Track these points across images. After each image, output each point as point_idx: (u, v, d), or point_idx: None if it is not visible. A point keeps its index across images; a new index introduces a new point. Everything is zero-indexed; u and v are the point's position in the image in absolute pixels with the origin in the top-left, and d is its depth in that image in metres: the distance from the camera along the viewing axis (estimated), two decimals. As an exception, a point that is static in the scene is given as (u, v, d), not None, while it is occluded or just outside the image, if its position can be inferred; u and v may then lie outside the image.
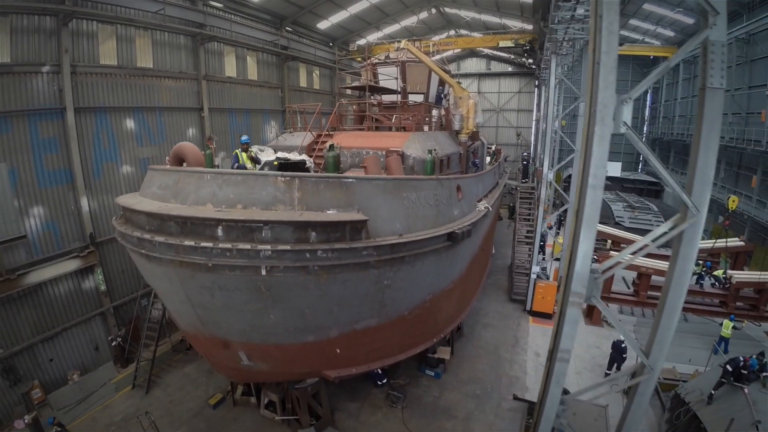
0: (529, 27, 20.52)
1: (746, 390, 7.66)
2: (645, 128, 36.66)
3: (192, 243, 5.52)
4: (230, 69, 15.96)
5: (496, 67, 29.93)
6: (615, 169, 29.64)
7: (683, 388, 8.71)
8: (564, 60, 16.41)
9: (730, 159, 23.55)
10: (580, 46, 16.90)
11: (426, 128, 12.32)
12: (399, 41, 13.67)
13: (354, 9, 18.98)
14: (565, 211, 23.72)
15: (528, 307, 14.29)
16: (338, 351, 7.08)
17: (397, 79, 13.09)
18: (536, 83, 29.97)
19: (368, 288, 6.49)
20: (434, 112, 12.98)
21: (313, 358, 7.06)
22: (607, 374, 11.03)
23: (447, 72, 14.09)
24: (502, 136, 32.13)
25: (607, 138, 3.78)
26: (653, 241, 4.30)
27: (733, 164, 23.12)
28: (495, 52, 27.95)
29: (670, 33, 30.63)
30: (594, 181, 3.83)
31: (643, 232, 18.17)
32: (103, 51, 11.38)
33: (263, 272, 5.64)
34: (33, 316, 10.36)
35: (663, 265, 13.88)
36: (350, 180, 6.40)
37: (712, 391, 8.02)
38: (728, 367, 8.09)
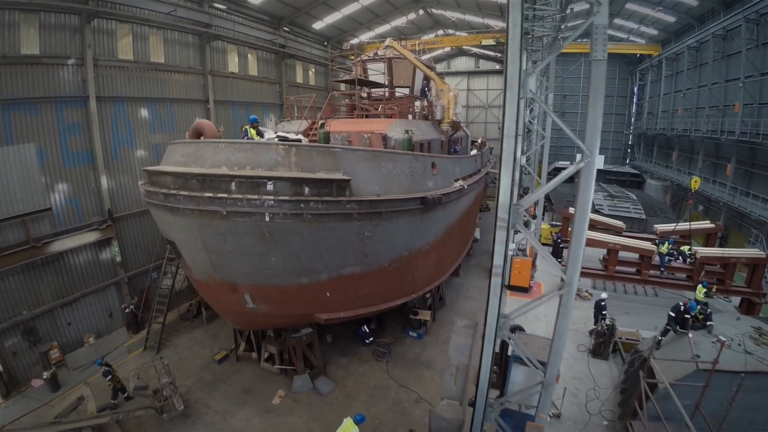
0: (510, 27, 22.22)
1: (690, 335, 9.03)
2: (632, 124, 38.41)
3: (210, 194, 7.04)
4: (233, 65, 17.57)
5: (485, 65, 31.68)
6: (598, 162, 31.22)
7: (642, 344, 10.05)
8: (534, 56, 17.96)
9: (708, 150, 25.23)
10: (548, 42, 18.35)
11: (410, 117, 13.91)
12: (385, 40, 15.31)
13: (346, 11, 20.69)
14: (547, 198, 25.30)
15: (506, 282, 15.81)
16: (328, 294, 8.59)
17: (384, 74, 14.72)
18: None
19: (351, 237, 8.02)
20: (417, 103, 14.60)
21: (307, 300, 8.56)
22: (591, 330, 12.37)
23: (430, 68, 15.72)
24: (490, 131, 33.84)
25: (515, 100, 5.34)
26: (563, 179, 5.87)
27: (711, 155, 24.75)
28: (483, 51, 29.70)
29: (653, 31, 32.45)
30: (507, 132, 5.40)
31: (621, 218, 19.76)
32: (121, 47, 12.93)
33: (267, 218, 7.16)
34: (54, 282, 11.74)
35: (629, 242, 15.50)
36: (337, 149, 7.96)
37: (660, 338, 9.48)
38: (671, 313, 9.57)
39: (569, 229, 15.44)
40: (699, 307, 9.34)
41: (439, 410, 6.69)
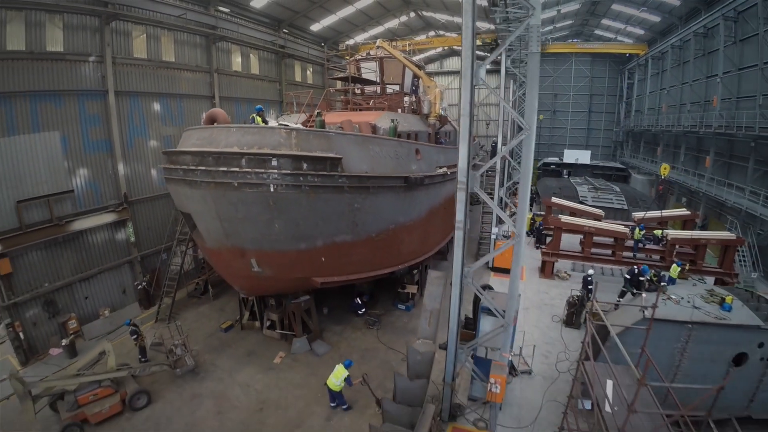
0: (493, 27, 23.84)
1: (643, 294, 10.33)
2: (621, 122, 39.99)
3: (224, 169, 8.52)
4: (236, 64, 19.12)
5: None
6: (585, 157, 32.92)
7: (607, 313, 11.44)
8: (514, 54, 19.50)
9: (690, 144, 26.85)
10: (525, 41, 19.90)
11: (399, 111, 15.46)
12: (377, 41, 16.89)
13: (342, 13, 22.30)
14: (536, 192, 26.65)
15: (490, 264, 17.30)
16: (323, 260, 10.05)
17: (375, 72, 16.28)
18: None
19: (343, 208, 9.51)
20: (406, 99, 16.13)
21: (304, 265, 10.02)
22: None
23: (419, 67, 17.29)
24: (481, 128, 35.51)
25: (469, 87, 6.83)
26: (501, 155, 7.36)
27: (693, 149, 26.37)
28: (476, 51, 31.47)
29: (640, 31, 34.14)
30: (464, 112, 6.89)
31: (605, 209, 21.23)
32: (136, 46, 14.44)
33: (271, 189, 8.64)
34: (73, 259, 13.12)
35: (602, 225, 17.01)
36: (331, 133, 9.48)
37: (618, 299, 10.89)
38: (626, 275, 11.02)
39: (581, 240, 16.91)
40: (652, 271, 10.80)
41: (415, 347, 8.12)
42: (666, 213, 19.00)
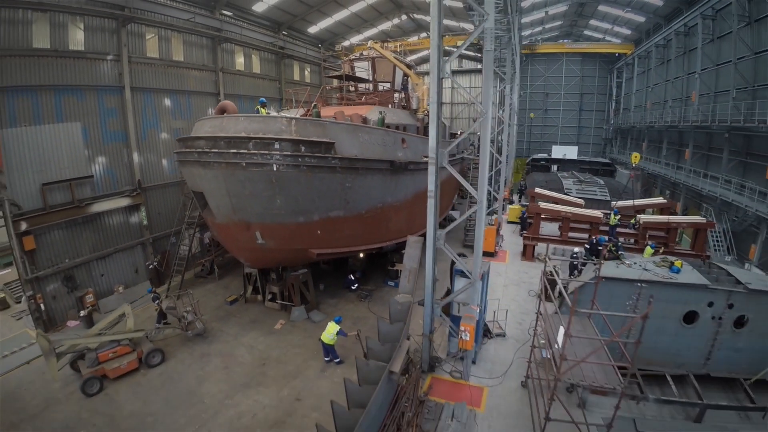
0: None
1: (602, 262, 11.90)
2: (611, 119, 41.75)
3: (234, 151, 10.12)
4: (239, 64, 20.80)
5: (468, 65, 35.09)
6: (572, 153, 34.68)
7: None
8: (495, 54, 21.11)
9: (672, 139, 28.59)
10: (504, 41, 21.44)
11: (390, 106, 17.12)
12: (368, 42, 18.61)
13: (337, 16, 24.03)
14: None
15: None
16: (319, 233, 11.64)
17: (368, 71, 17.97)
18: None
19: (336, 186, 11.12)
20: (397, 95, 17.78)
21: (303, 237, 11.60)
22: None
23: (409, 66, 18.97)
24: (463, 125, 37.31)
25: (436, 79, 8.46)
26: (470, 132, 8.99)
27: (675, 143, 28.11)
28: (465, 52, 33.21)
29: (627, 31, 35.98)
30: (434, 99, 8.52)
31: (588, 200, 22.84)
32: (149, 46, 16.09)
33: (274, 168, 10.24)
34: (91, 238, 14.65)
35: (577, 211, 18.65)
36: (326, 122, 11.11)
37: (580, 267, 12.46)
38: (586, 246, 12.65)
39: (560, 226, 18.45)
40: (608, 239, 12.45)
41: (396, 299, 9.70)
42: (641, 201, 20.68)
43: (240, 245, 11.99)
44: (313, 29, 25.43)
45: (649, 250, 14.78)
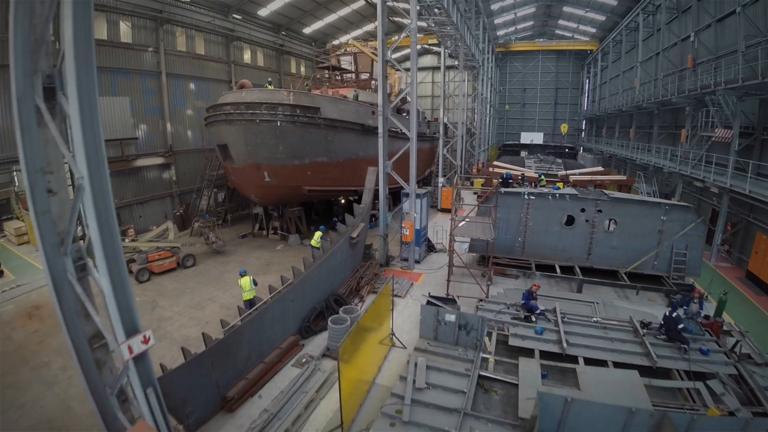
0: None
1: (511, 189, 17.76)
2: (583, 111, 47.86)
3: (251, 111, 15.86)
4: (247, 58, 26.71)
5: (447, 61, 40.83)
6: (539, 139, 40.71)
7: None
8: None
9: (623, 123, 34.71)
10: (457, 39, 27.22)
11: (368, 90, 22.96)
12: (360, 41, 24.57)
13: (328, 20, 30.07)
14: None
15: (438, 206, 24.55)
16: (309, 173, 17.32)
17: (351, 64, 23.89)
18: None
19: (321, 139, 16.84)
20: (373, 82, 23.61)
21: (298, 176, 17.26)
22: None
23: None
24: (453, 117, 43.16)
25: (381, 61, 14.22)
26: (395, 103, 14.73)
27: (626, 126, 34.17)
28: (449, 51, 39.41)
29: (592, 29, 42.18)
30: (380, 74, 14.27)
31: (546, 175, 28.52)
32: (179, 42, 21.95)
33: (278, 124, 15.97)
34: (134, 187, 20.28)
35: (519, 169, 24.29)
36: (314, 94, 16.92)
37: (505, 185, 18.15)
38: (500, 178, 18.33)
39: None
40: (512, 174, 18.16)
41: (360, 207, 15.34)
42: (618, 177, 26.41)
43: (252, 183, 17.65)
44: (307, 30, 31.50)
45: (543, 180, 20.75)
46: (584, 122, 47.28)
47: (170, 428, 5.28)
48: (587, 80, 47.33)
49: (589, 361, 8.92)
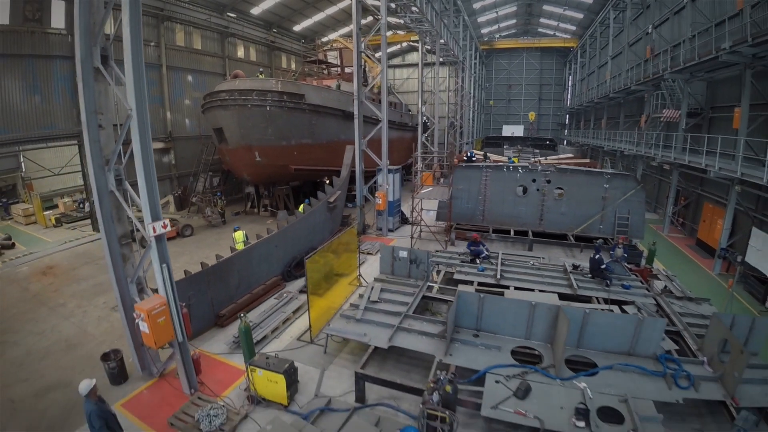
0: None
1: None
2: (568, 104, 50.41)
3: (244, 97, 18.17)
4: (240, 54, 29.05)
5: (431, 57, 43.24)
6: (519, 131, 43.23)
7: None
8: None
9: (598, 115, 37.18)
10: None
11: (352, 82, 25.28)
12: (346, 38, 26.95)
13: (317, 18, 32.47)
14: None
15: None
16: (295, 153, 19.62)
17: (337, 58, 26.29)
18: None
19: (306, 122, 19.15)
20: (357, 74, 25.95)
21: (286, 156, 19.55)
22: None
23: (368, 56, 27.24)
24: (438, 110, 45.66)
25: (356, 50, 16.56)
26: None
27: (601, 118, 36.62)
28: (427, 47, 41.86)
29: (572, 27, 44.75)
30: (355, 63, 16.60)
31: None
32: (178, 38, 24.25)
33: (268, 108, 18.28)
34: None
35: (493, 156, 26.70)
36: (300, 83, 19.27)
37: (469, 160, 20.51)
38: (465, 156, 20.68)
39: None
40: (475, 152, 20.53)
41: (338, 179, 17.61)
42: (559, 156, 28.85)
43: (245, 163, 19.92)
44: (297, 28, 33.90)
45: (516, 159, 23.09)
46: (567, 116, 49.86)
47: (177, 299, 7.52)
48: (569, 76, 49.93)
49: (519, 290, 10.82)
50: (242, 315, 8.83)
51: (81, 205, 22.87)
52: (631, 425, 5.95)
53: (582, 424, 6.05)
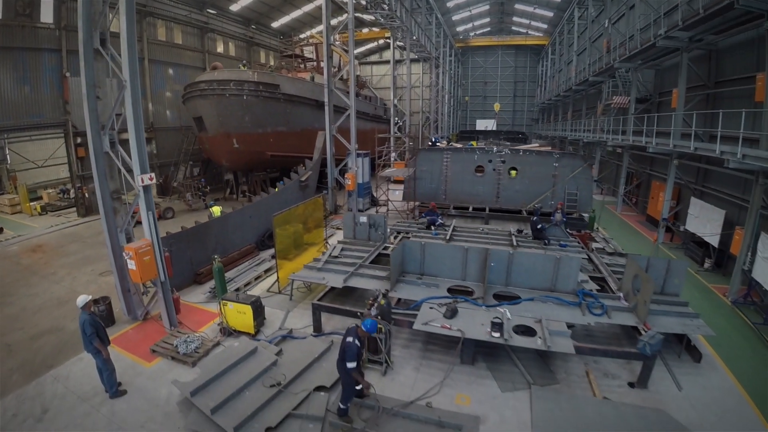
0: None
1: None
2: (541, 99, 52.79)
3: (222, 87, 19.56)
4: (220, 49, 30.32)
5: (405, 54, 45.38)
6: (492, 125, 45.37)
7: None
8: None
9: (565, 108, 39.33)
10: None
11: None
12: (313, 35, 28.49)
13: (294, 15, 33.97)
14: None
15: (392, 179, 28.51)
16: (272, 140, 21.06)
17: (313, 52, 27.84)
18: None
19: (281, 111, 20.63)
20: (333, 69, 27.50)
21: (262, 143, 20.97)
22: None
23: (344, 50, 28.88)
24: (414, 106, 47.52)
25: (326, 43, 18.15)
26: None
27: (567, 111, 38.83)
28: (401, 44, 43.71)
29: (543, 25, 47.06)
30: (325, 56, 18.17)
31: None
32: (160, 33, 25.44)
33: (245, 98, 19.70)
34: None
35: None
36: (276, 75, 20.76)
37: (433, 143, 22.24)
38: (430, 141, 22.49)
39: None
40: (443, 138, 22.27)
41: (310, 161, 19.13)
42: (528, 146, 30.87)
43: (223, 150, 21.27)
44: (275, 24, 35.33)
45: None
46: (539, 111, 52.32)
47: (160, 243, 8.96)
48: (542, 73, 52.38)
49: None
50: (215, 257, 10.29)
51: (65, 195, 23.85)
52: (541, 335, 7.36)
53: (497, 335, 7.43)
